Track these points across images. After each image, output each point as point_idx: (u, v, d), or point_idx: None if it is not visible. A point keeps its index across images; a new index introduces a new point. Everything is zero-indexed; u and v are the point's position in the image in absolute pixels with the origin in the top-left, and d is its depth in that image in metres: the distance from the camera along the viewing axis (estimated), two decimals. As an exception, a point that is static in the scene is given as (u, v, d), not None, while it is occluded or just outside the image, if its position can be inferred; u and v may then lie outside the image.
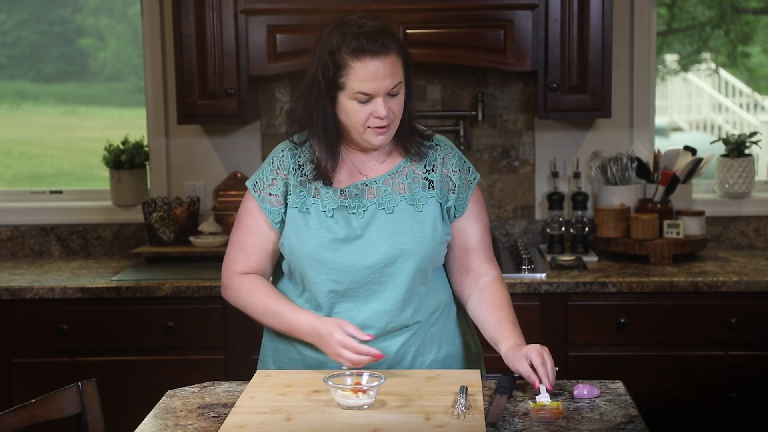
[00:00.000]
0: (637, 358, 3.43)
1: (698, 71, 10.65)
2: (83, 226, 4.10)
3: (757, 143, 4.06)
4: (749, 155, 4.03)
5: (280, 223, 2.31)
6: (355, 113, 2.19)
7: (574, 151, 4.00)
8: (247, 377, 2.57)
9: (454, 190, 2.31)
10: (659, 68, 9.50)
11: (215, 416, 2.09)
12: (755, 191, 4.10)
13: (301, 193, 2.29)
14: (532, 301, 3.42)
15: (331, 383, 2.06)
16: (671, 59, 10.09)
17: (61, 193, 4.24)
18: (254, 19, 3.62)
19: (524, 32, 3.59)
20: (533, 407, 2.02)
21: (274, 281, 2.42)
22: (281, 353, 2.38)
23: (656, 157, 3.94)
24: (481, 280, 2.36)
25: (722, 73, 10.42)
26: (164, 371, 3.48)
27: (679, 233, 3.70)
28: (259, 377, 2.27)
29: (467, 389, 2.10)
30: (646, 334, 3.42)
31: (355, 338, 2.17)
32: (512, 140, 4.00)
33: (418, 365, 2.33)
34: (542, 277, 3.44)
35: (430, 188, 2.30)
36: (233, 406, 2.11)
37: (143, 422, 2.07)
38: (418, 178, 2.30)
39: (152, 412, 2.13)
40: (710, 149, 4.14)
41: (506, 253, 3.81)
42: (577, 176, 3.94)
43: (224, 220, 3.94)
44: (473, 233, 2.35)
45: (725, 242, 4.01)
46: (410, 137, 2.30)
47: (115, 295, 3.46)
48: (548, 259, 3.71)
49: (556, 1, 3.58)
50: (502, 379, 2.18)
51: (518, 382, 2.23)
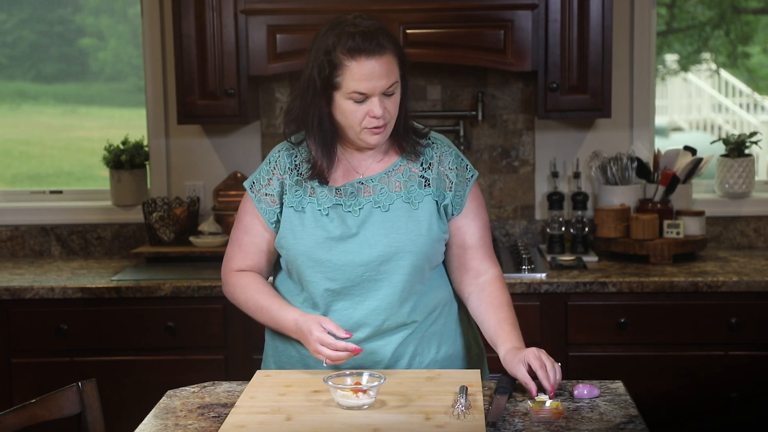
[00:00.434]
0: (637, 358, 3.43)
1: (698, 71, 10.65)
2: (83, 226, 4.10)
3: (757, 143, 4.06)
4: (749, 155, 4.03)
5: (275, 222, 2.33)
6: (351, 113, 2.19)
7: (574, 151, 4.00)
8: (247, 377, 2.57)
9: (451, 187, 2.31)
10: (659, 68, 9.50)
11: (215, 416, 2.09)
12: (755, 191, 4.10)
13: (297, 192, 2.30)
14: (532, 301, 3.42)
15: (331, 383, 2.06)
16: (671, 59, 10.09)
17: (61, 193, 4.24)
18: (254, 19, 3.62)
19: (524, 32, 3.59)
20: (533, 407, 2.02)
21: (275, 280, 2.43)
22: (281, 352, 2.39)
23: (656, 157, 3.94)
24: (480, 278, 2.36)
25: (722, 73, 10.42)
26: (164, 371, 3.48)
27: (679, 233, 3.70)
28: (259, 377, 2.27)
29: (467, 389, 2.10)
30: (646, 334, 3.42)
31: (333, 335, 2.18)
32: (512, 140, 4.00)
33: (416, 365, 2.33)
34: (542, 277, 3.44)
35: (426, 186, 2.30)
36: (233, 406, 2.11)
37: (143, 422, 2.07)
38: (414, 176, 2.31)
39: (152, 412, 2.13)
40: (710, 149, 4.14)
41: (506, 253, 3.81)
42: (577, 176, 3.94)
43: (224, 220, 3.94)
44: (471, 231, 2.35)
45: (725, 242, 4.01)
46: (406, 136, 2.30)
47: (115, 295, 3.46)
48: (548, 259, 3.71)
49: (556, 1, 3.58)
50: (502, 379, 2.18)
51: (518, 382, 2.23)
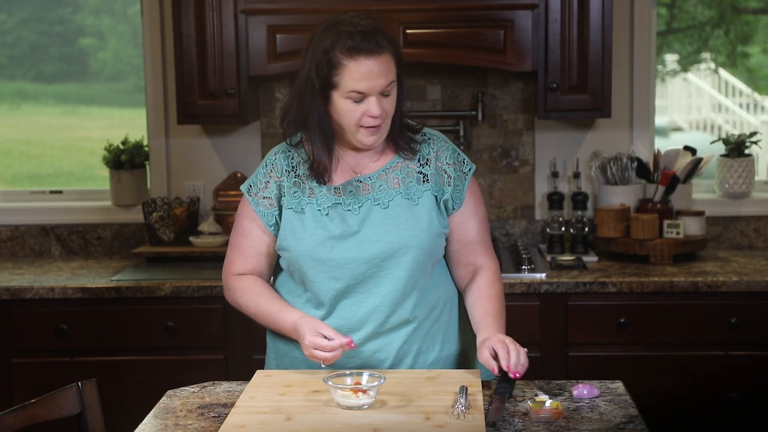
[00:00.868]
0: (637, 358, 3.43)
1: (698, 71, 10.65)
2: (83, 226, 4.10)
3: (757, 143, 4.06)
4: (749, 155, 4.03)
5: (273, 225, 2.34)
6: (348, 112, 2.20)
7: (574, 151, 4.00)
8: (247, 377, 2.57)
9: (449, 182, 2.32)
10: (659, 68, 9.50)
11: (215, 416, 2.09)
12: (755, 191, 4.10)
13: (295, 194, 2.30)
14: (532, 301, 3.42)
15: (331, 383, 2.06)
16: (671, 59, 10.09)
17: (61, 193, 4.24)
18: (254, 19, 3.62)
19: (524, 32, 3.59)
20: (533, 407, 2.02)
21: (276, 282, 2.43)
22: (283, 354, 2.39)
23: (656, 157, 3.94)
24: (477, 272, 2.37)
25: (722, 73, 10.42)
26: (164, 371, 3.48)
27: (679, 233, 3.70)
28: (259, 377, 2.27)
29: (467, 389, 2.10)
30: (646, 334, 3.42)
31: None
32: (512, 140, 4.00)
33: (420, 362, 2.33)
34: (542, 277, 3.44)
35: (424, 182, 2.31)
36: (233, 406, 2.11)
37: (143, 422, 2.07)
38: (412, 172, 2.31)
39: (152, 412, 2.13)
40: (710, 149, 4.14)
41: (506, 253, 3.81)
42: (577, 176, 3.94)
43: (224, 220, 3.94)
44: (471, 226, 2.36)
45: (725, 242, 4.01)
46: (402, 134, 2.31)
47: (115, 295, 3.46)
48: (548, 259, 3.71)
49: (556, 1, 3.58)
50: (502, 379, 2.18)
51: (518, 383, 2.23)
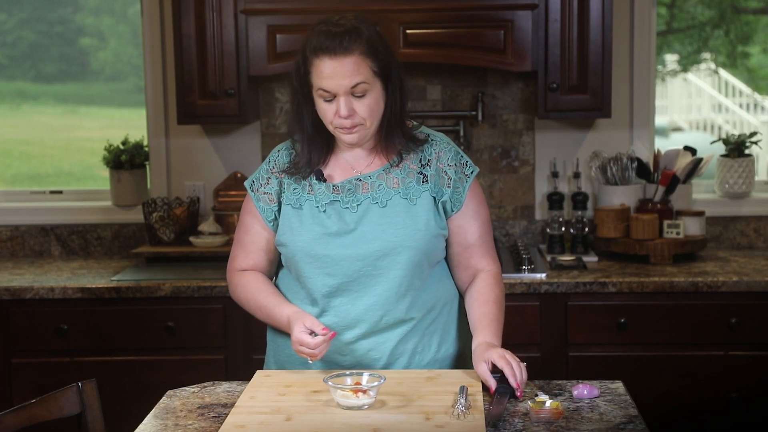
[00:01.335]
0: (637, 358, 3.43)
1: (698, 71, 10.65)
2: (83, 226, 4.10)
3: (757, 143, 4.06)
4: (749, 155, 4.03)
5: (272, 221, 2.36)
6: (323, 111, 2.24)
7: (574, 151, 4.00)
8: (247, 377, 2.57)
9: (449, 184, 2.32)
10: (659, 68, 9.50)
11: (215, 416, 2.09)
12: (755, 191, 4.10)
13: (295, 190, 2.32)
14: (532, 301, 3.42)
15: (331, 383, 2.06)
16: (671, 59, 10.09)
17: (61, 193, 4.24)
18: (254, 19, 3.62)
19: (524, 32, 3.59)
20: (533, 407, 2.02)
21: (277, 278, 2.44)
22: (281, 350, 2.40)
23: (656, 157, 3.94)
24: (477, 276, 2.37)
25: (722, 73, 10.42)
26: (164, 371, 3.48)
27: (679, 233, 3.70)
28: (259, 377, 2.27)
29: (467, 389, 2.10)
30: (646, 334, 3.42)
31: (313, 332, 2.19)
32: (512, 140, 4.00)
33: (415, 363, 2.33)
34: (542, 277, 3.44)
35: (424, 182, 2.31)
36: (233, 406, 2.11)
37: (143, 422, 2.07)
38: (412, 172, 2.32)
39: (152, 412, 2.13)
40: (710, 149, 4.14)
41: (506, 253, 3.81)
42: (577, 176, 3.94)
43: (224, 220, 3.94)
44: (472, 230, 2.35)
45: (725, 242, 4.01)
46: (400, 138, 2.31)
47: (115, 295, 3.46)
48: (548, 259, 3.71)
49: (556, 1, 3.58)
50: (502, 379, 2.18)
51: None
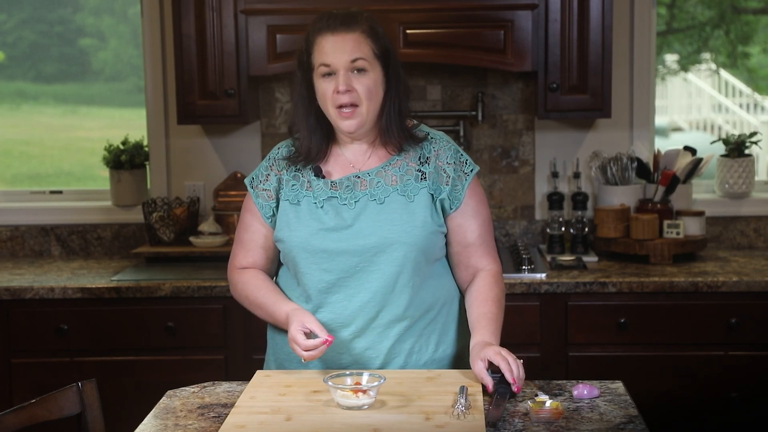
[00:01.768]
0: (637, 358, 3.43)
1: (698, 71, 10.65)
2: (83, 226, 4.10)
3: (757, 143, 4.06)
4: (749, 155, 4.03)
5: (270, 217, 2.37)
6: (322, 92, 2.27)
7: (574, 151, 4.00)
8: (247, 377, 2.57)
9: (448, 181, 2.32)
10: (659, 68, 9.50)
11: (215, 416, 2.09)
12: (755, 191, 4.10)
13: (293, 186, 2.34)
14: (532, 301, 3.42)
15: (331, 383, 2.06)
16: (671, 59, 10.09)
17: (61, 193, 4.24)
18: (254, 19, 3.62)
19: (524, 32, 3.59)
20: (533, 407, 2.02)
21: (277, 276, 2.45)
22: (280, 348, 2.40)
23: (656, 157, 3.94)
24: (477, 275, 2.37)
25: (722, 73, 10.42)
26: (164, 371, 3.48)
27: (679, 233, 3.70)
28: (259, 377, 2.27)
29: (467, 389, 2.10)
30: (646, 334, 3.42)
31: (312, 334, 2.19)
32: (512, 140, 4.00)
33: (413, 363, 2.33)
34: (542, 277, 3.44)
35: (422, 179, 2.32)
36: (233, 406, 2.11)
37: (143, 422, 2.07)
38: (411, 170, 2.32)
39: (152, 412, 2.13)
40: (710, 149, 4.14)
41: (506, 253, 3.81)
42: (577, 176, 3.94)
43: (224, 220, 3.94)
44: (471, 228, 2.35)
45: (725, 242, 4.01)
46: (400, 133, 2.32)
47: (115, 295, 3.46)
48: (548, 259, 3.71)
49: (556, 1, 3.58)
50: (502, 380, 2.18)
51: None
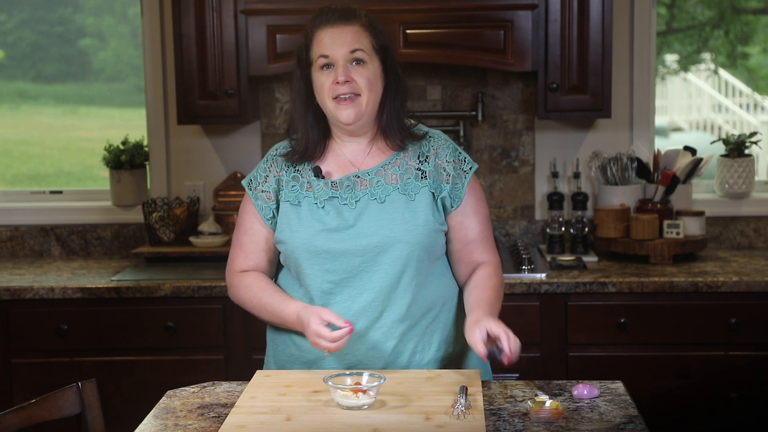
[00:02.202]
0: (637, 358, 3.43)
1: (698, 71, 10.65)
2: (83, 226, 4.10)
3: (757, 143, 4.06)
4: (749, 155, 4.03)
5: (271, 219, 2.36)
6: (320, 84, 2.27)
7: (574, 151, 4.00)
8: (247, 377, 2.58)
9: (448, 180, 2.33)
10: (659, 68, 9.50)
11: (215, 416, 2.09)
12: (755, 191, 4.10)
13: (293, 187, 2.33)
14: (532, 301, 3.42)
15: (331, 383, 2.06)
16: (671, 59, 10.10)
17: (61, 193, 4.24)
18: (254, 19, 3.62)
19: (524, 32, 3.59)
20: (533, 407, 2.02)
21: (278, 278, 2.44)
22: (281, 350, 2.40)
23: (656, 157, 3.94)
24: (477, 267, 2.38)
25: (722, 73, 10.43)
26: (164, 371, 3.48)
27: (679, 233, 3.70)
28: (259, 377, 2.27)
29: (467, 389, 2.10)
30: (646, 334, 3.42)
31: (332, 325, 2.17)
32: (512, 140, 4.00)
33: (416, 362, 2.33)
34: (542, 277, 3.44)
35: (422, 178, 2.32)
36: (233, 406, 2.11)
37: (143, 422, 2.07)
38: (410, 168, 2.33)
39: (152, 412, 2.13)
40: (710, 149, 4.14)
41: (506, 253, 3.81)
42: (577, 176, 3.94)
43: (224, 220, 3.94)
44: (472, 226, 2.36)
45: (725, 242, 4.01)
46: (399, 132, 2.33)
47: (115, 295, 3.46)
48: (548, 259, 3.71)
49: (556, 1, 3.58)
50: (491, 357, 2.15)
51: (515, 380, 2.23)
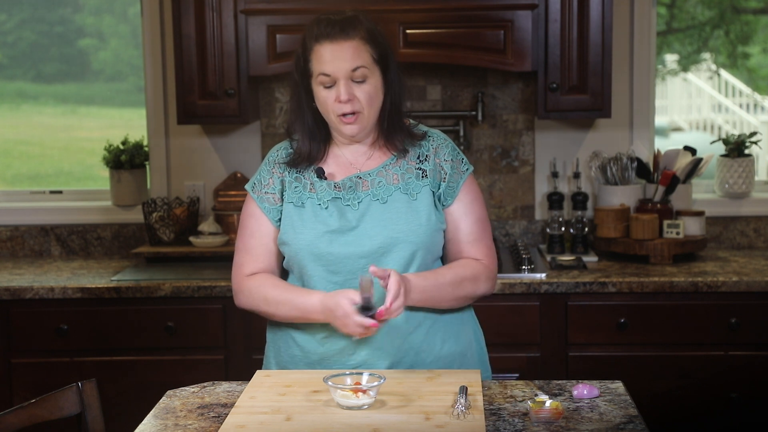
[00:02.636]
0: (637, 358, 3.43)
1: (698, 71, 10.66)
2: (83, 226, 4.10)
3: (756, 143, 4.06)
4: (749, 155, 4.03)
5: (279, 221, 2.35)
6: (322, 100, 2.26)
7: (574, 151, 4.00)
8: (247, 377, 2.57)
9: (444, 178, 2.33)
10: (659, 68, 9.51)
11: (215, 416, 2.09)
12: (755, 191, 4.10)
13: (296, 188, 2.33)
14: (532, 301, 3.42)
15: (331, 383, 2.06)
16: (671, 59, 10.10)
17: (61, 193, 4.24)
18: (254, 19, 3.62)
19: (524, 32, 3.59)
20: (533, 407, 2.02)
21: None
22: (282, 351, 2.39)
23: (656, 157, 3.94)
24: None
25: (722, 73, 10.43)
26: (164, 371, 3.48)
27: (679, 233, 3.70)
28: (259, 377, 2.27)
29: (467, 389, 2.10)
30: (646, 334, 3.42)
31: (362, 305, 2.13)
32: (512, 140, 4.00)
33: (420, 362, 2.33)
34: (542, 277, 3.44)
35: (423, 177, 2.32)
36: (233, 406, 2.11)
37: (143, 422, 2.07)
38: (411, 168, 2.33)
39: (152, 412, 2.13)
40: (710, 149, 4.14)
41: (506, 253, 3.81)
42: (577, 176, 3.94)
43: (224, 220, 3.94)
44: (463, 226, 2.35)
45: (725, 242, 4.01)
46: (399, 133, 2.33)
47: (115, 295, 3.46)
48: (548, 259, 3.71)
49: (556, 1, 3.58)
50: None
51: None
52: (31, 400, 2.16)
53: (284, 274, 2.43)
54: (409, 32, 3.59)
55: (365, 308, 2.13)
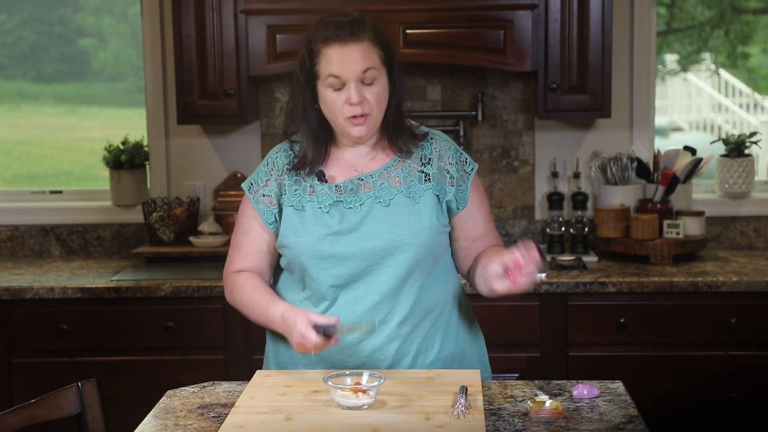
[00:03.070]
0: (637, 358, 3.43)
1: (698, 71, 10.66)
2: (83, 226, 4.10)
3: (756, 143, 4.06)
4: (749, 155, 4.03)
5: (273, 223, 2.35)
6: (331, 102, 2.24)
7: (574, 151, 4.00)
8: (247, 377, 2.58)
9: (452, 182, 2.33)
10: (659, 68, 9.51)
11: (215, 416, 2.09)
12: (755, 191, 4.10)
13: (296, 191, 2.32)
14: (532, 301, 3.42)
15: (331, 383, 2.06)
16: (671, 59, 10.10)
17: (61, 193, 4.24)
18: (254, 19, 3.62)
19: (524, 32, 3.59)
20: (533, 407, 2.02)
21: (275, 280, 2.44)
22: (282, 352, 2.39)
23: (656, 157, 3.94)
24: None
25: (722, 73, 10.43)
26: (164, 371, 3.48)
27: (679, 233, 3.70)
28: (259, 377, 2.27)
29: (467, 389, 2.10)
30: (646, 334, 3.43)
31: (320, 325, 2.12)
32: (512, 140, 4.00)
33: (419, 363, 2.33)
34: (542, 277, 3.43)
35: (426, 181, 2.32)
36: (233, 406, 2.11)
37: (143, 422, 2.07)
38: (413, 171, 2.32)
39: (152, 412, 2.13)
40: (710, 149, 4.14)
41: (506, 253, 3.81)
42: (577, 176, 3.94)
43: (224, 220, 3.94)
44: (477, 223, 2.37)
45: (725, 242, 4.01)
46: (401, 134, 2.33)
47: (115, 295, 3.46)
48: (548, 259, 3.71)
49: (556, 1, 3.58)
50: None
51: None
52: (31, 400, 2.16)
53: (277, 273, 2.44)
54: (409, 32, 3.59)
55: (325, 334, 2.11)
